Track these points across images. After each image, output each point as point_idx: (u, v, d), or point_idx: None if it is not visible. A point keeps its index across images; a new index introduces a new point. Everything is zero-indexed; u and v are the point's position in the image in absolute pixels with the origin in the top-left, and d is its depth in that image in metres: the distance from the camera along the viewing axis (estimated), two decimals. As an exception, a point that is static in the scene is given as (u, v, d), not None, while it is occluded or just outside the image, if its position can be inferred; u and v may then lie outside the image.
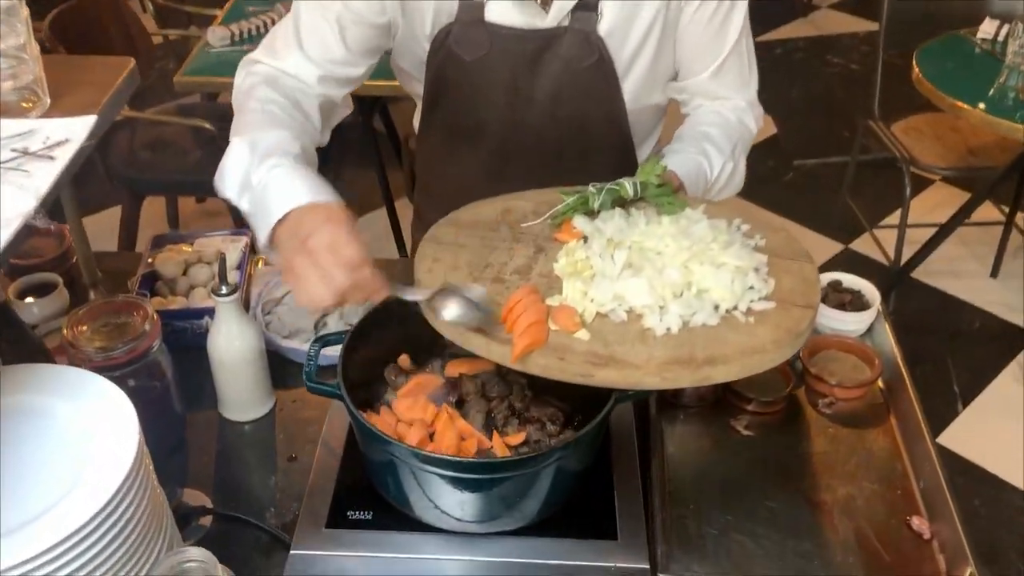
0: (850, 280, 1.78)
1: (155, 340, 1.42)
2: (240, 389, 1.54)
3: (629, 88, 1.64)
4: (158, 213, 3.96)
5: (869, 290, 1.76)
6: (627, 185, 1.43)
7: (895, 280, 3.65)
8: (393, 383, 1.38)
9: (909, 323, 3.61)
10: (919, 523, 1.39)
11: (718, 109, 1.71)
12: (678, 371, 1.15)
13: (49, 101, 1.43)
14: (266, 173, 1.32)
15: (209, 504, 1.42)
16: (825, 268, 1.69)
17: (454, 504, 1.19)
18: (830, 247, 4.10)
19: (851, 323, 1.72)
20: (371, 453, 1.24)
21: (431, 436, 1.27)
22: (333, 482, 1.30)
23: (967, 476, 3.07)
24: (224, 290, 1.45)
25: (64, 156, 1.18)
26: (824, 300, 1.74)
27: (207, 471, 1.49)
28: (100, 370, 1.36)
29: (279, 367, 1.65)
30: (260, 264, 1.86)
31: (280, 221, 1.25)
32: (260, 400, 1.56)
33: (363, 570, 1.20)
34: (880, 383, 1.64)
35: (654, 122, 1.81)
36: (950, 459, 3.04)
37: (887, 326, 1.73)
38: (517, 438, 1.28)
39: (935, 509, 1.41)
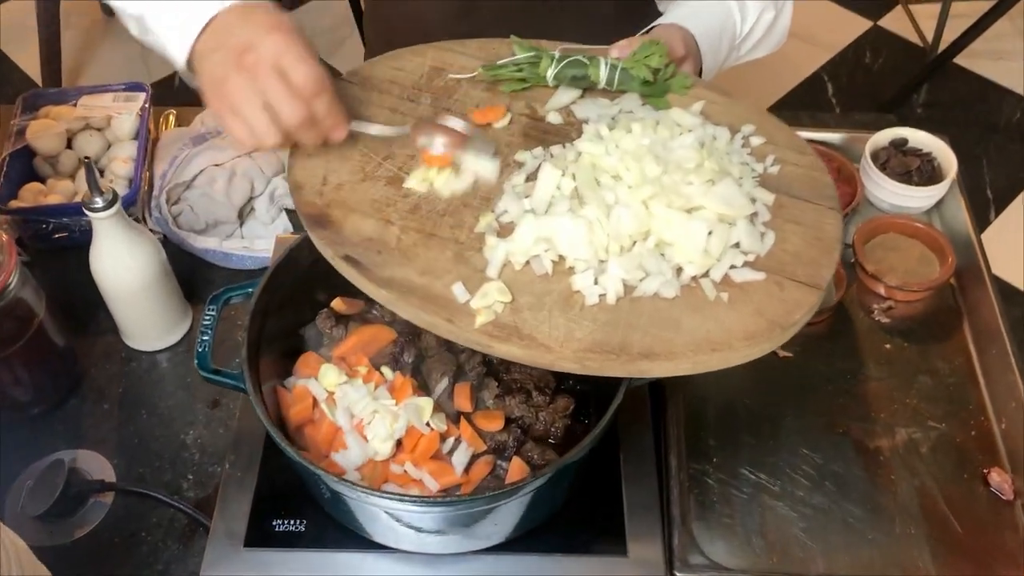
0: (919, 138, 1.40)
1: (12, 274, 1.07)
2: (140, 319, 1.21)
3: None
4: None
5: (942, 152, 1.38)
6: (600, 68, 1.02)
7: (932, 68, 3.21)
8: (328, 336, 1.04)
9: (940, 117, 3.21)
10: (999, 478, 1.12)
11: None
12: (603, 361, 0.81)
13: None
14: None
15: (111, 471, 1.14)
16: (849, 51, 1.29)
17: (409, 529, 0.90)
18: (855, 25, 3.59)
19: (918, 199, 1.36)
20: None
21: (379, 417, 0.95)
22: (255, 475, 1.00)
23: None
24: (98, 203, 1.08)
25: None
26: (884, 167, 1.37)
27: (108, 422, 1.18)
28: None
29: (194, 273, 1.31)
30: (167, 130, 1.46)
31: (203, 29, 0.90)
32: (169, 326, 1.24)
33: (295, 603, 0.92)
34: (952, 280, 1.31)
35: None
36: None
37: (962, 201, 1.37)
38: (494, 422, 0.97)
39: (1021, 460, 1.13)
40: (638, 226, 0.88)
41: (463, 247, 0.89)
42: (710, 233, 0.88)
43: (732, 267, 0.88)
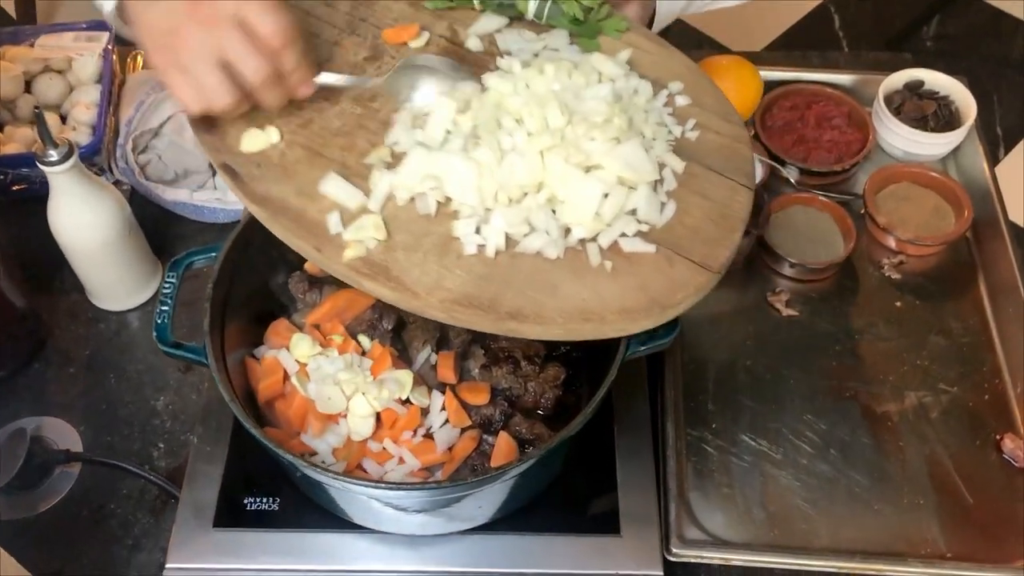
0: (936, 80, 1.31)
1: (-39, 233, 0.99)
2: (105, 277, 1.13)
3: None
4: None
5: (961, 95, 1.30)
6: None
7: (943, -1, 3.09)
8: (302, 300, 0.97)
9: (951, 50, 3.10)
10: (1012, 445, 1.06)
11: None
12: (471, 315, 0.76)
13: None
14: None
15: (77, 440, 1.08)
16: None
17: (389, 510, 0.84)
18: (862, -51, 3.46)
19: (934, 146, 1.28)
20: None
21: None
22: (225, 449, 0.94)
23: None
24: (52, 155, 1.00)
25: None
26: (898, 111, 1.29)
27: (74, 388, 1.12)
28: None
29: (164, 227, 1.24)
30: (135, 72, 1.37)
31: None
32: (137, 284, 1.16)
33: (269, 587, 0.87)
34: (968, 233, 1.23)
35: None
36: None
37: (981, 148, 1.29)
38: (480, 394, 0.90)
39: (1036, 425, 1.07)
40: (530, 177, 0.80)
41: (349, 172, 0.82)
42: (606, 195, 0.80)
43: (623, 235, 0.81)
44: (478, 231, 0.79)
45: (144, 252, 1.16)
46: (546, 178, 0.81)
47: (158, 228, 1.22)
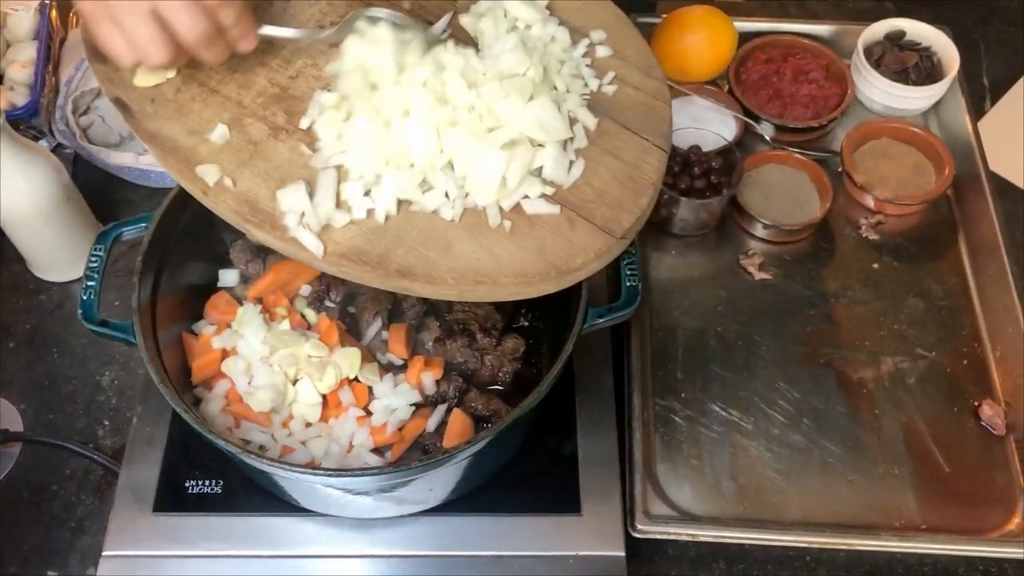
0: (918, 31, 1.25)
1: None
2: (45, 247, 1.08)
3: None
4: None
5: (943, 46, 1.25)
6: None
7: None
8: (244, 272, 0.92)
9: (939, -3, 3.02)
10: (991, 411, 1.02)
11: None
12: (360, 271, 0.71)
13: None
14: None
15: (18, 419, 1.03)
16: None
17: (335, 493, 0.79)
18: None
19: (915, 99, 1.22)
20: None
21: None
22: (165, 429, 0.89)
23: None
24: (-23, 119, 0.94)
25: None
26: (878, 64, 1.23)
27: (14, 363, 1.07)
28: None
29: (109, 192, 1.18)
30: (75, 27, 1.30)
31: None
32: (80, 253, 1.10)
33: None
34: (949, 191, 1.19)
35: None
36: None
37: (963, 102, 1.24)
38: (433, 368, 0.86)
39: (1016, 392, 1.03)
40: (431, 144, 0.74)
41: (244, 112, 0.77)
42: (510, 163, 0.74)
43: (526, 196, 0.76)
44: (365, 193, 0.74)
45: (87, 220, 1.10)
46: (444, 148, 0.75)
47: (103, 194, 1.16)
